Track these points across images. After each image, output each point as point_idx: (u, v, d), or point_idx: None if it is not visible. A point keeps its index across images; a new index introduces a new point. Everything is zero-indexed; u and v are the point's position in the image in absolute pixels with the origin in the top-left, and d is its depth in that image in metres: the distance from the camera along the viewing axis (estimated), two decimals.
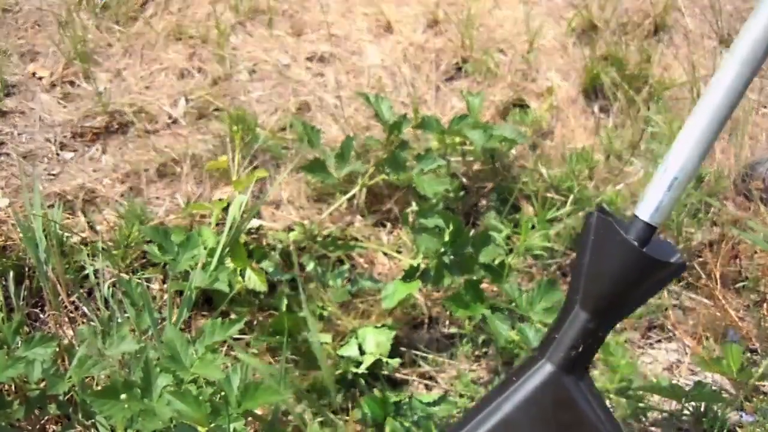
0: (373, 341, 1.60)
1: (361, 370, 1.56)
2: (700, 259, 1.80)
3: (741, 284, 1.78)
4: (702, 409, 1.45)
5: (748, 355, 1.63)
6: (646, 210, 1.08)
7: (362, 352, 1.60)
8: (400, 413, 1.48)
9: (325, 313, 1.66)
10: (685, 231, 1.85)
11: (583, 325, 1.12)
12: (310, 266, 1.74)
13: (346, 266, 1.77)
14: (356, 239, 1.82)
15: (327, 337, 1.60)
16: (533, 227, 1.80)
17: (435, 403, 1.50)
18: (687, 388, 1.45)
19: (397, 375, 1.62)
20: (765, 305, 1.70)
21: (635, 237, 1.07)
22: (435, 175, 1.80)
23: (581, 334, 1.12)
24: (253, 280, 1.61)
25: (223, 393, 1.22)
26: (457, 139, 1.93)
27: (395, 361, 1.61)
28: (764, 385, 1.59)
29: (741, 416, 1.41)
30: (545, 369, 1.14)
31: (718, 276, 1.74)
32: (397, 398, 1.50)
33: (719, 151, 2.12)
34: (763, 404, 1.50)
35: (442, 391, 1.59)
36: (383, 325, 1.64)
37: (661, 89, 2.20)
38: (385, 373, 1.60)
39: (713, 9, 2.42)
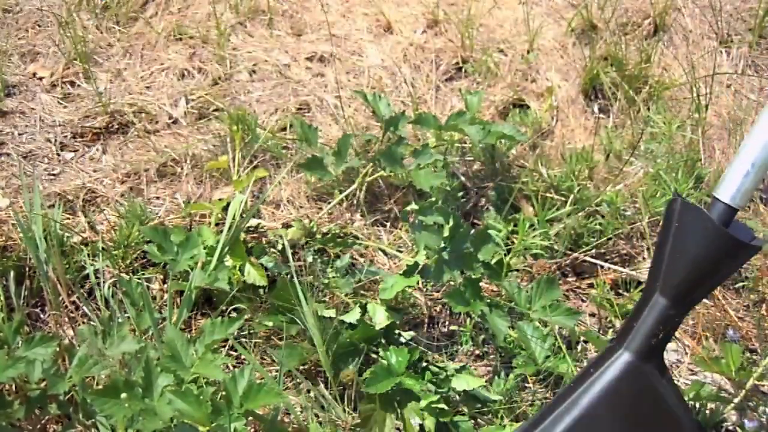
0: (383, 314, 1.59)
1: (378, 326, 1.56)
2: None
3: (741, 284, 1.78)
4: (703, 409, 1.45)
5: (748, 354, 1.63)
6: (727, 192, 1.11)
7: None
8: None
9: (326, 290, 1.66)
10: None
11: (663, 311, 1.14)
12: (309, 258, 1.74)
13: (348, 256, 1.77)
14: (356, 237, 1.83)
15: (331, 312, 1.59)
16: (533, 227, 1.81)
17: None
18: (686, 388, 1.45)
19: None
20: (764, 305, 1.70)
21: (717, 219, 1.10)
22: (432, 169, 1.80)
23: (661, 320, 1.14)
24: (253, 275, 1.61)
25: (224, 393, 1.22)
26: (456, 137, 1.93)
27: (408, 334, 1.61)
28: (764, 385, 1.59)
29: (744, 422, 1.41)
30: (624, 358, 1.15)
31: None
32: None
33: (719, 151, 2.13)
34: (763, 404, 1.50)
35: None
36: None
37: (660, 89, 2.20)
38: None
39: (713, 9, 2.42)
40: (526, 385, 1.61)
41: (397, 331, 1.63)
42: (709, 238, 1.10)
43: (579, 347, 1.64)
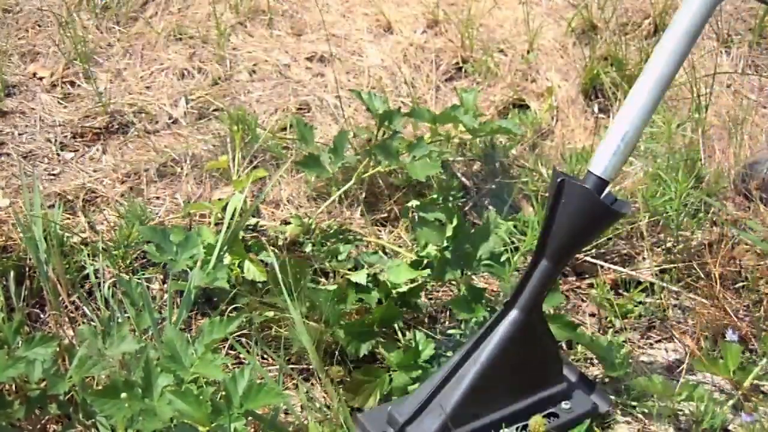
0: (406, 273, 1.62)
1: (402, 288, 1.59)
2: (700, 259, 1.80)
3: (741, 284, 1.78)
4: (702, 409, 1.45)
5: (747, 354, 1.63)
6: (599, 166, 1.32)
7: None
8: None
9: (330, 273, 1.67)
10: (684, 231, 1.85)
11: (548, 273, 1.37)
12: (308, 249, 1.74)
13: (347, 247, 1.77)
14: (355, 235, 1.83)
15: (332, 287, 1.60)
16: (533, 227, 1.80)
17: None
18: (679, 389, 1.45)
19: None
20: (764, 305, 1.70)
21: (593, 189, 1.31)
22: (427, 160, 1.81)
23: (546, 281, 1.37)
24: (252, 271, 1.61)
25: (224, 393, 1.22)
26: (452, 132, 1.93)
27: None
28: (764, 385, 1.59)
29: (741, 415, 1.41)
30: (515, 315, 1.38)
31: (717, 276, 1.74)
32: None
33: (719, 151, 2.13)
34: (762, 404, 1.50)
35: None
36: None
37: None
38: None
39: None
40: None
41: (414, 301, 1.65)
42: (587, 206, 1.31)
43: (579, 347, 1.64)
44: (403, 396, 1.46)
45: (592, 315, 1.76)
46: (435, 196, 1.83)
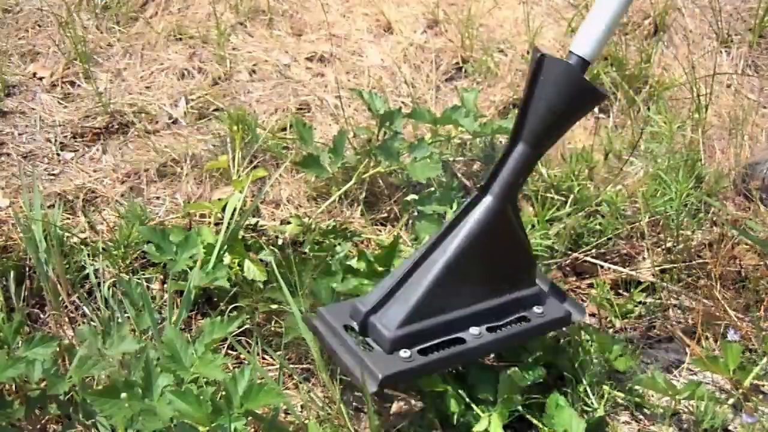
0: None
1: None
2: (700, 259, 1.80)
3: (741, 284, 1.78)
4: (702, 409, 1.45)
5: (748, 354, 1.63)
6: (582, 47, 1.30)
7: None
8: None
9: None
10: (684, 231, 1.85)
11: (525, 158, 1.31)
12: (306, 248, 1.74)
13: (347, 245, 1.77)
14: (354, 233, 1.83)
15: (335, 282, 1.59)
16: (533, 227, 1.81)
17: None
18: (681, 388, 1.45)
19: None
20: (764, 305, 1.70)
21: (576, 67, 1.29)
22: (428, 161, 1.81)
23: (523, 166, 1.32)
24: (252, 271, 1.61)
25: (224, 393, 1.22)
26: (453, 132, 1.93)
27: None
28: (764, 385, 1.59)
29: (742, 416, 1.41)
30: (490, 202, 1.33)
31: (717, 276, 1.74)
32: None
33: (719, 151, 2.13)
34: (762, 404, 1.50)
35: None
36: None
37: (661, 89, 2.20)
38: None
39: (713, 9, 2.42)
40: None
41: None
42: (568, 82, 1.27)
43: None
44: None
45: (592, 315, 1.76)
46: (433, 189, 1.83)
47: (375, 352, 1.28)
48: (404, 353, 1.27)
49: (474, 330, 1.34)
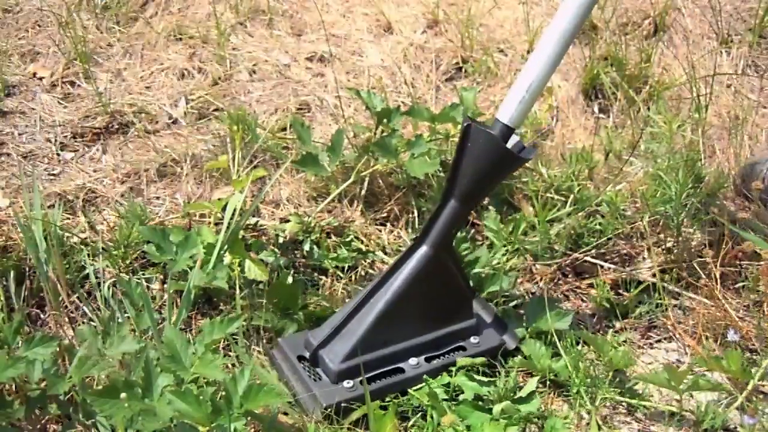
0: None
1: None
2: (700, 259, 1.80)
3: (741, 284, 1.78)
4: (702, 409, 1.45)
5: (748, 354, 1.63)
6: (506, 114, 1.42)
7: None
8: None
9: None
10: (685, 231, 1.85)
11: (456, 213, 1.46)
12: (306, 246, 1.75)
13: (350, 237, 1.79)
14: (354, 232, 1.83)
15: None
16: (533, 227, 1.81)
17: None
18: (684, 385, 1.45)
19: None
20: (764, 305, 1.70)
21: (498, 136, 1.41)
22: (426, 158, 1.81)
23: (456, 219, 1.47)
24: (254, 271, 1.61)
25: (224, 393, 1.22)
26: (452, 132, 1.93)
27: None
28: (765, 386, 1.59)
29: (744, 419, 1.41)
30: (425, 250, 1.49)
31: (717, 276, 1.74)
32: None
33: (719, 151, 2.13)
34: (762, 404, 1.50)
35: None
36: None
37: (661, 89, 2.20)
38: None
39: (713, 9, 2.42)
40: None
41: None
42: (492, 151, 1.41)
43: (580, 346, 1.64)
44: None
45: (592, 315, 1.76)
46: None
47: (322, 382, 1.44)
48: (347, 384, 1.43)
49: (413, 361, 1.50)
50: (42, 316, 1.60)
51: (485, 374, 1.51)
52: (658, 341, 1.72)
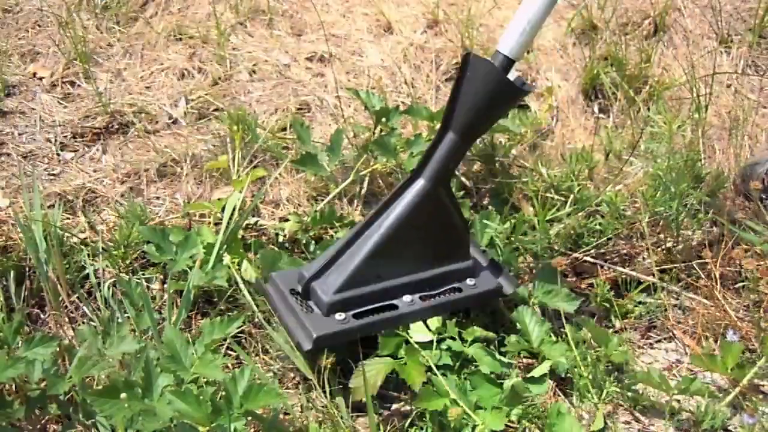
0: None
1: None
2: (700, 259, 1.80)
3: (741, 284, 1.78)
4: (702, 409, 1.45)
5: (747, 354, 1.63)
6: (507, 46, 1.38)
7: None
8: None
9: None
10: (684, 231, 1.85)
11: (454, 146, 1.43)
12: (303, 240, 1.75)
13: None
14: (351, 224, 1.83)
15: None
16: (533, 227, 1.81)
17: None
18: (677, 384, 1.45)
19: None
20: (764, 305, 1.70)
21: (499, 67, 1.38)
22: None
23: (453, 153, 1.43)
24: (249, 271, 1.62)
25: (224, 393, 1.22)
26: None
27: None
28: (764, 385, 1.59)
29: (743, 418, 1.41)
30: (421, 184, 1.45)
31: (717, 276, 1.74)
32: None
33: (719, 151, 2.13)
34: (762, 404, 1.50)
35: None
36: None
37: (661, 89, 2.20)
38: None
39: (713, 9, 2.42)
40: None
41: None
42: (492, 82, 1.37)
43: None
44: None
45: (592, 315, 1.76)
46: None
47: (314, 314, 1.42)
48: (339, 316, 1.41)
49: (407, 298, 1.48)
50: (42, 316, 1.60)
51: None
52: (658, 341, 1.73)
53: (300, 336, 1.38)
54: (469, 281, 1.54)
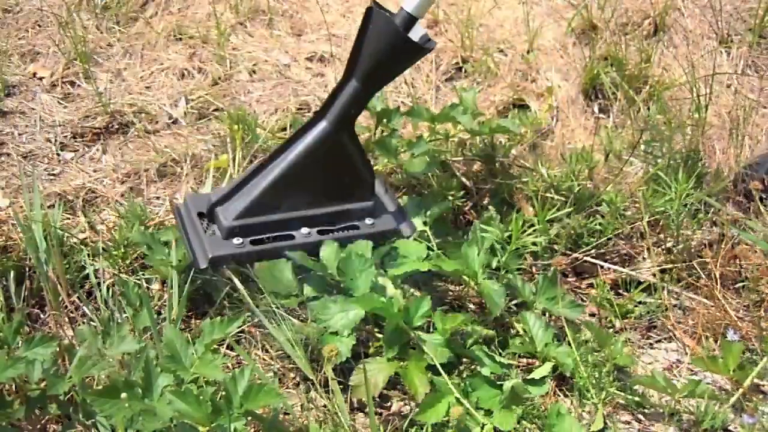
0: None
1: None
2: (700, 259, 1.80)
3: (741, 284, 1.78)
4: (702, 409, 1.45)
5: (748, 354, 1.63)
6: (410, 4, 1.44)
7: None
8: None
9: None
10: (684, 231, 1.85)
11: (356, 92, 1.51)
12: None
13: None
14: None
15: None
16: (533, 227, 1.80)
17: None
18: (681, 386, 1.45)
19: None
20: (764, 305, 1.70)
21: (400, 24, 1.44)
22: (426, 158, 1.82)
23: (354, 99, 1.51)
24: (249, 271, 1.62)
25: (224, 393, 1.22)
26: (452, 132, 1.94)
27: None
28: (764, 385, 1.59)
29: (743, 418, 1.41)
30: (323, 125, 1.54)
31: (717, 276, 1.74)
32: None
33: (719, 151, 2.12)
34: (762, 404, 1.50)
35: None
36: None
37: (661, 89, 2.20)
38: None
39: (713, 9, 2.42)
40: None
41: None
42: (391, 37, 1.44)
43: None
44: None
45: (592, 315, 1.76)
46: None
47: (215, 237, 1.54)
48: (237, 240, 1.52)
49: (304, 230, 1.58)
50: (42, 316, 1.60)
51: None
52: (658, 341, 1.72)
53: (198, 255, 1.50)
54: (368, 220, 1.63)
